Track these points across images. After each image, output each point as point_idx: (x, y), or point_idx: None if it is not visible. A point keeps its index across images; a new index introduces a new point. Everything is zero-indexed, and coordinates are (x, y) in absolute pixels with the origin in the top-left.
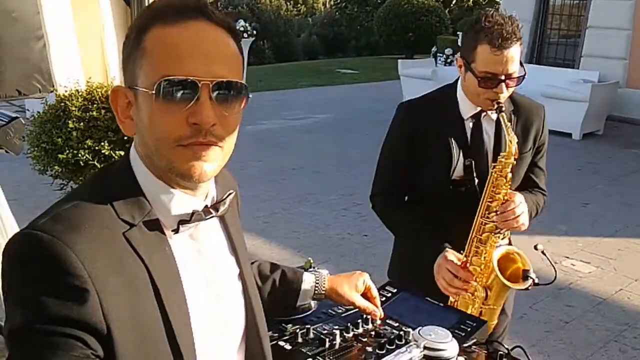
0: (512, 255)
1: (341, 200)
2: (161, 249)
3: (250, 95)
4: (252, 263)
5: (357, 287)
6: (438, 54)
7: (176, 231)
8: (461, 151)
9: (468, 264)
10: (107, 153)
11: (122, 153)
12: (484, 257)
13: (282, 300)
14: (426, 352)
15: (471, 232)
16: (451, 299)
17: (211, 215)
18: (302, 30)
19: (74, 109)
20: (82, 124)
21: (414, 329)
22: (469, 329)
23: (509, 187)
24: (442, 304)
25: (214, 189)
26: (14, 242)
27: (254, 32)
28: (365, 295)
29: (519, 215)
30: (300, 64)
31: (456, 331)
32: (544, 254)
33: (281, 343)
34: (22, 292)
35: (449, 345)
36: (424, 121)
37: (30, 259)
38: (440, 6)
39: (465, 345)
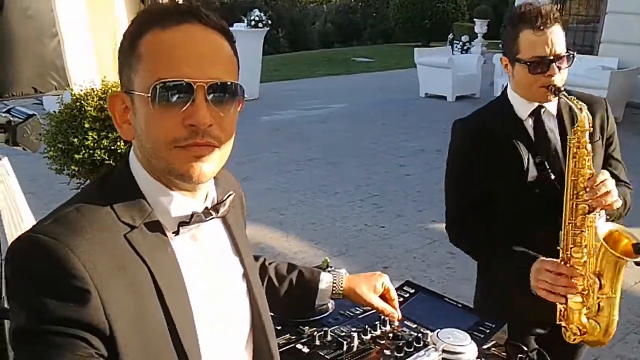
0: (615, 233)
1: (357, 191)
2: (163, 250)
3: (246, 96)
4: (270, 264)
5: (376, 288)
6: (454, 41)
7: (176, 233)
8: (528, 151)
9: (568, 259)
10: (122, 152)
11: None
12: (585, 244)
13: (300, 300)
14: (444, 355)
15: (563, 219)
16: (560, 306)
17: (211, 217)
18: (317, 18)
19: (89, 108)
20: (97, 124)
21: (432, 331)
22: (487, 331)
23: (591, 160)
24: (460, 305)
25: (214, 191)
26: (17, 245)
27: (269, 21)
28: (384, 296)
29: (610, 190)
30: (316, 53)
31: (475, 333)
32: None
33: (299, 346)
34: (26, 295)
35: (468, 348)
36: (483, 134)
37: (33, 261)
38: None
39: (484, 347)
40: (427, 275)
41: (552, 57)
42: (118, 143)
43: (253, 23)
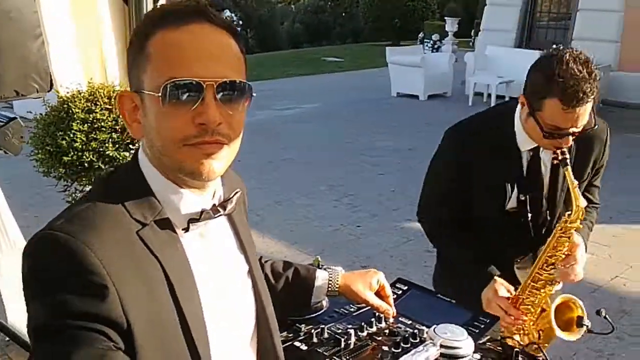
0: (570, 303)
1: (333, 191)
2: (173, 247)
3: (255, 94)
4: (266, 262)
5: (372, 285)
6: (425, 40)
7: (186, 229)
8: (516, 185)
9: (520, 303)
10: (111, 154)
11: (127, 154)
12: (537, 301)
13: (296, 297)
14: (442, 350)
15: (527, 279)
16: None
17: (219, 214)
18: (286, 18)
19: (77, 110)
20: (86, 126)
21: (428, 327)
22: (482, 326)
23: (572, 239)
24: (453, 301)
25: (221, 189)
26: (34, 243)
27: (240, 22)
28: (379, 293)
29: (577, 274)
30: (286, 53)
31: (470, 328)
32: (606, 318)
33: (297, 344)
34: (44, 291)
35: (465, 343)
36: (478, 151)
37: (50, 259)
38: None
39: (480, 342)
40: (405, 274)
41: (572, 130)
42: (107, 145)
43: None
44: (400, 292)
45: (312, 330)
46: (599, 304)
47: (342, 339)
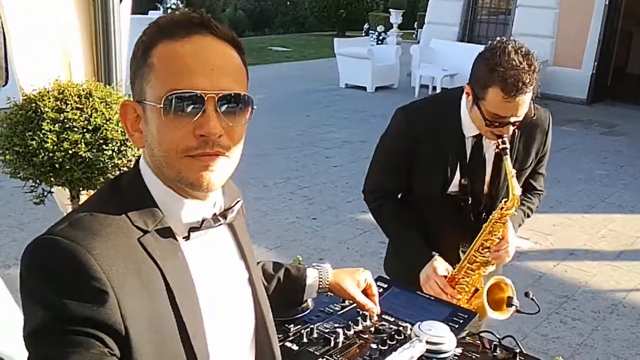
0: (501, 285)
1: (287, 183)
2: (174, 255)
3: (256, 107)
4: (257, 264)
5: (360, 283)
6: (370, 32)
7: (187, 238)
8: (458, 169)
9: (456, 282)
10: (84, 155)
11: (100, 154)
12: (472, 281)
13: (288, 297)
14: (428, 346)
15: (462, 260)
16: None
17: (220, 223)
18: (228, 4)
19: (47, 109)
20: (57, 125)
21: (411, 324)
22: (461, 321)
23: (505, 229)
24: (433, 297)
25: (221, 198)
26: (34, 247)
27: (183, 7)
28: (366, 292)
29: (508, 255)
30: None
31: (450, 323)
32: (533, 300)
33: (288, 344)
34: (42, 295)
35: (448, 339)
36: (425, 133)
37: (50, 263)
38: None
39: (460, 336)
40: (362, 265)
41: (512, 119)
42: (79, 145)
43: (170, 11)
44: (381, 289)
45: (302, 330)
46: (544, 290)
47: (332, 338)
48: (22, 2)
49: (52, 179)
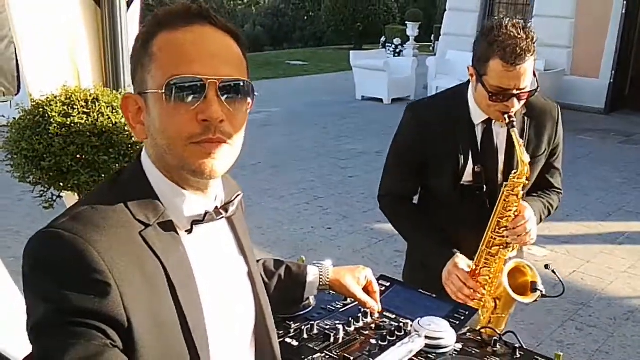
0: (521, 267)
1: (303, 194)
2: (175, 248)
3: (257, 93)
4: (258, 261)
5: (360, 280)
6: (387, 44)
7: (190, 231)
8: (471, 157)
9: (477, 274)
10: (90, 159)
11: (107, 158)
12: (494, 269)
13: (289, 294)
14: (427, 341)
15: (481, 245)
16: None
17: (222, 216)
18: (246, 21)
19: (54, 114)
20: (64, 130)
21: (412, 321)
22: (462, 318)
23: (520, 203)
24: (434, 295)
25: (222, 192)
26: (37, 240)
27: None
28: (366, 289)
29: (529, 231)
30: (250, 57)
31: (451, 320)
32: (554, 272)
33: (288, 340)
34: (45, 288)
35: (447, 334)
36: (434, 124)
37: (53, 255)
38: None
39: (461, 332)
40: (377, 274)
41: (515, 91)
42: (85, 149)
43: None
44: (383, 288)
45: (302, 327)
46: (560, 298)
47: (332, 334)
48: (31, 10)
49: (60, 183)
